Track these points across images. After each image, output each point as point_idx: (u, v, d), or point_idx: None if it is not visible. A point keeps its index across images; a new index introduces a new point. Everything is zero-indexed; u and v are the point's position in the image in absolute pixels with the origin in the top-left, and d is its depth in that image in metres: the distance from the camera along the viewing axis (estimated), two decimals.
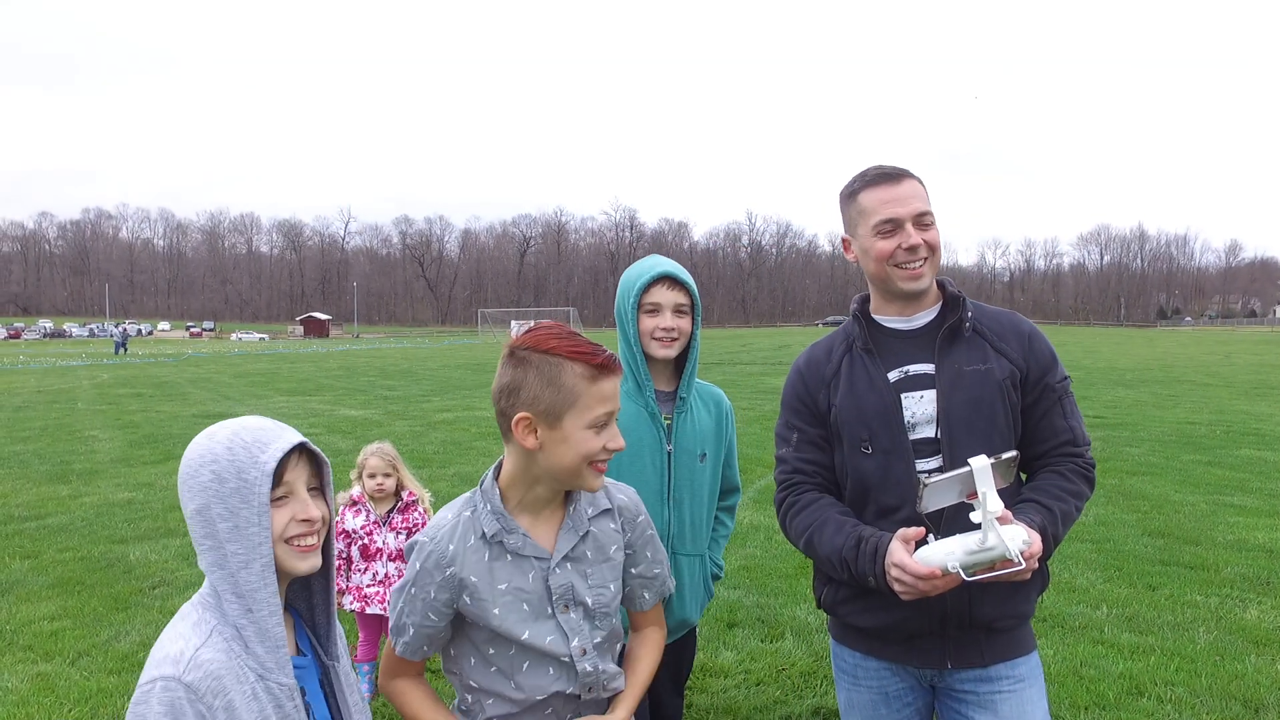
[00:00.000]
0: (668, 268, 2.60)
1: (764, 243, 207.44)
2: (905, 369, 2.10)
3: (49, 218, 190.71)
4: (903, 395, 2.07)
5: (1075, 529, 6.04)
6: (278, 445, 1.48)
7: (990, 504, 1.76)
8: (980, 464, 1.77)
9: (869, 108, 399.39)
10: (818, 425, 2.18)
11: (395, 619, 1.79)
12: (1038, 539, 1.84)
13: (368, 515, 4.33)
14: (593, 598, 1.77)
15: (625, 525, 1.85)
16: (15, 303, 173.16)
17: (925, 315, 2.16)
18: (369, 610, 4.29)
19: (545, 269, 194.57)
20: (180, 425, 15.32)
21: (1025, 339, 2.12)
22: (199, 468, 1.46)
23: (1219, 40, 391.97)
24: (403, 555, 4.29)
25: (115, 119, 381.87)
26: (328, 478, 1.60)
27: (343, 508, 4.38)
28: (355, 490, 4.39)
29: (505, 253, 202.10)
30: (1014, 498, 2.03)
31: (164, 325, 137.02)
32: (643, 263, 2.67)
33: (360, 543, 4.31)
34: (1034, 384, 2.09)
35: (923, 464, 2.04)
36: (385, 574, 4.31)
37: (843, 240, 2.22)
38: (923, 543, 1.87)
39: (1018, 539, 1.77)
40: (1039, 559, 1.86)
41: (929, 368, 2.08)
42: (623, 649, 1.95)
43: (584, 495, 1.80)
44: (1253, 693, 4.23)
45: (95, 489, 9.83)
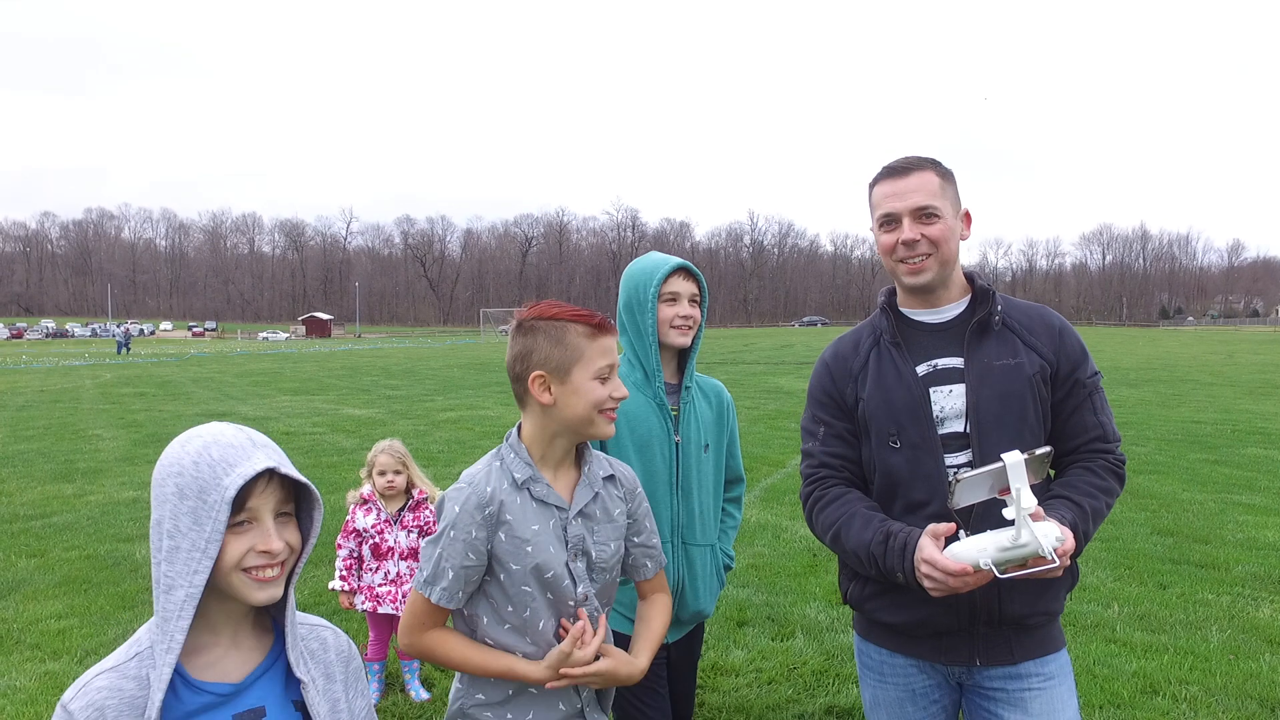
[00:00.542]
0: (683, 260, 2.67)
1: (766, 243, 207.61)
2: (934, 362, 2.08)
3: (51, 218, 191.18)
4: (931, 389, 2.05)
5: None
6: (243, 469, 1.38)
7: (1024, 500, 1.73)
8: (1014, 459, 1.75)
9: (871, 108, 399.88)
10: (845, 419, 2.16)
11: (432, 568, 1.83)
12: (1070, 536, 1.81)
13: (379, 514, 4.30)
14: (596, 552, 1.92)
15: (626, 495, 2.02)
16: (18, 302, 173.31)
17: (954, 308, 2.14)
18: (381, 610, 4.25)
19: (547, 269, 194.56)
20: (184, 424, 15.21)
21: (1056, 333, 2.10)
22: (166, 477, 1.40)
23: (1221, 40, 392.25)
24: (415, 554, 4.26)
25: (118, 119, 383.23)
26: (311, 500, 1.49)
27: (353, 506, 4.35)
28: (366, 488, 4.35)
29: (507, 253, 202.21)
30: (1043, 494, 2.00)
31: (166, 325, 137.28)
32: (650, 256, 2.70)
33: (371, 541, 4.27)
34: (1064, 379, 2.07)
35: (951, 459, 2.02)
36: (397, 573, 4.26)
37: (872, 232, 2.22)
38: (953, 539, 1.85)
39: (1051, 535, 1.75)
40: (1070, 556, 1.83)
41: (958, 361, 2.06)
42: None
43: (595, 459, 1.98)
44: (1269, 691, 4.21)
45: (100, 488, 9.84)
